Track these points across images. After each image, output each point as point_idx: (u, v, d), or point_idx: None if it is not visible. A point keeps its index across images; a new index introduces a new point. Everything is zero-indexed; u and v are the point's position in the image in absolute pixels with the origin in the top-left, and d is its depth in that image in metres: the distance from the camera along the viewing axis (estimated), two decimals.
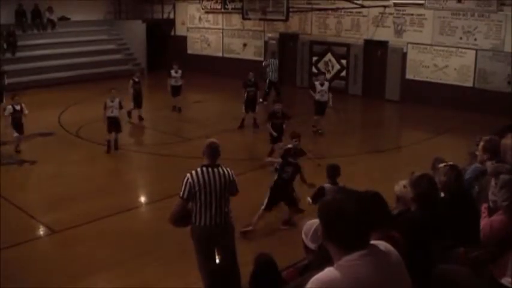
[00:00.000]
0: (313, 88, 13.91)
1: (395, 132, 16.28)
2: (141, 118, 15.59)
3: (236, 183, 5.84)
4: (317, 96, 13.67)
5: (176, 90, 16.40)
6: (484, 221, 3.59)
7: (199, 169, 5.62)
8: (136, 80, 15.65)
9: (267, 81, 17.79)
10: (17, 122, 12.06)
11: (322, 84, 13.79)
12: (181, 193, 5.60)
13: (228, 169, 5.77)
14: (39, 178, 10.76)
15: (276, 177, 8.20)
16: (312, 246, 3.40)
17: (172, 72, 16.35)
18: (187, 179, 5.58)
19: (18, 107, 12.13)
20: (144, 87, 22.96)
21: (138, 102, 15.55)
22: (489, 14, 15.91)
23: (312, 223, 3.41)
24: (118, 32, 25.04)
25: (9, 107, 12.13)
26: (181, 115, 15.96)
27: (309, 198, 7.15)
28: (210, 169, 5.61)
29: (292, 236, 7.07)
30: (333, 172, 7.00)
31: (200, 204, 5.59)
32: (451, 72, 16.98)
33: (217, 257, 5.89)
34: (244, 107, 14.23)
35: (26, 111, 12.27)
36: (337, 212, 2.22)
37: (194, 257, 6.13)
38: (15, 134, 12.07)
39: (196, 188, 5.54)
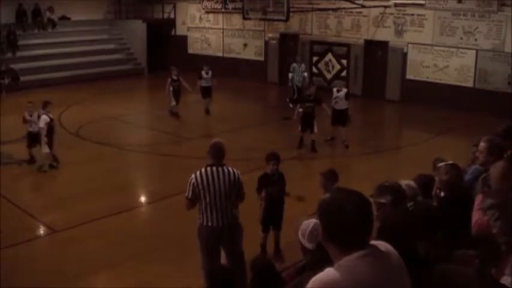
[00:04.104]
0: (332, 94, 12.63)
1: (395, 132, 16.29)
2: (172, 113, 15.77)
3: (242, 186, 5.77)
4: (332, 103, 12.48)
5: (207, 91, 16.13)
6: (475, 218, 3.62)
7: (203, 169, 5.60)
8: (175, 78, 15.64)
9: (293, 86, 16.96)
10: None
11: (338, 91, 12.55)
12: (186, 193, 5.64)
13: (234, 169, 5.72)
14: (39, 178, 10.76)
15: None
16: (309, 246, 3.40)
17: (203, 73, 16.10)
18: (192, 179, 5.58)
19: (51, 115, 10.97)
20: (145, 87, 23.20)
21: (178, 100, 15.72)
22: (489, 14, 15.91)
23: (308, 223, 3.41)
24: (118, 32, 25.07)
25: (45, 116, 10.81)
26: (182, 116, 15.91)
27: None
28: (214, 169, 5.58)
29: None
30: (331, 178, 6.30)
31: (205, 204, 5.57)
32: (451, 72, 16.98)
33: (225, 258, 5.83)
34: (300, 126, 12.26)
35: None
36: (337, 211, 2.21)
37: (194, 257, 6.12)
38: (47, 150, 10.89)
39: (200, 188, 5.53)
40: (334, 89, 12.73)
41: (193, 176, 5.60)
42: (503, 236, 3.34)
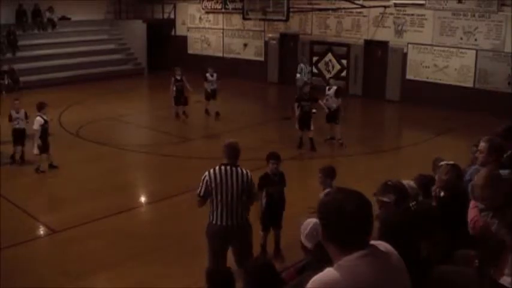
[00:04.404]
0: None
1: (395, 132, 16.29)
2: (186, 115, 15.58)
3: (253, 187, 5.81)
4: (323, 101, 12.78)
5: (214, 94, 15.94)
6: (471, 216, 3.63)
7: (217, 167, 5.62)
8: (178, 78, 15.46)
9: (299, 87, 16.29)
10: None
11: (329, 89, 12.93)
12: (199, 190, 5.62)
13: (247, 171, 5.75)
14: (39, 178, 10.75)
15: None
16: (308, 245, 3.41)
17: (208, 75, 15.83)
18: (205, 176, 5.59)
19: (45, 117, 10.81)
20: (145, 87, 23.19)
21: (181, 100, 15.50)
22: (489, 14, 15.92)
23: (309, 222, 3.42)
24: (118, 32, 25.06)
25: (39, 118, 10.66)
26: (181, 116, 15.89)
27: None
28: (228, 168, 5.60)
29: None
30: (329, 174, 6.58)
31: (216, 203, 5.58)
32: (451, 72, 16.98)
33: (234, 259, 5.80)
34: (298, 125, 12.30)
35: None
36: (337, 212, 2.21)
37: (194, 257, 6.13)
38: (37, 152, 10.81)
39: (213, 185, 5.53)
40: (327, 87, 13.09)
41: (206, 173, 5.60)
42: (502, 229, 3.34)
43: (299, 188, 9.14)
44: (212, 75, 15.90)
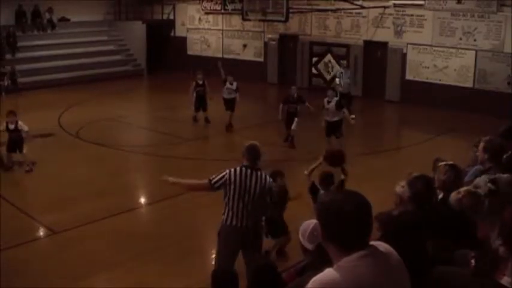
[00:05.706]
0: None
1: (395, 133, 16.30)
2: (207, 121, 14.98)
3: (273, 193, 5.83)
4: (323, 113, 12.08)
5: (229, 104, 14.58)
6: (478, 223, 3.64)
7: (238, 168, 5.59)
8: (200, 82, 14.81)
9: (337, 92, 14.47)
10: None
11: (329, 102, 11.94)
12: (213, 179, 5.56)
13: (268, 176, 5.76)
14: (39, 179, 10.75)
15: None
16: (309, 246, 3.41)
17: (227, 83, 14.58)
18: (225, 173, 5.56)
19: (13, 126, 11.07)
20: (144, 88, 23.20)
21: (202, 106, 14.93)
22: (489, 14, 15.93)
23: (309, 223, 3.42)
24: (118, 33, 25.06)
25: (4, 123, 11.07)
26: (180, 116, 15.86)
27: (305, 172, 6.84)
28: (249, 171, 5.57)
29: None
30: (327, 180, 6.69)
31: (233, 204, 5.54)
32: (451, 73, 16.99)
33: (244, 259, 5.75)
34: (285, 124, 12.83)
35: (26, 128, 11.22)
36: (336, 212, 2.21)
37: (194, 257, 6.12)
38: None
39: (232, 187, 5.50)
40: (325, 100, 12.03)
41: (227, 171, 5.57)
42: (497, 240, 3.35)
43: (299, 189, 9.13)
44: (232, 84, 14.62)
